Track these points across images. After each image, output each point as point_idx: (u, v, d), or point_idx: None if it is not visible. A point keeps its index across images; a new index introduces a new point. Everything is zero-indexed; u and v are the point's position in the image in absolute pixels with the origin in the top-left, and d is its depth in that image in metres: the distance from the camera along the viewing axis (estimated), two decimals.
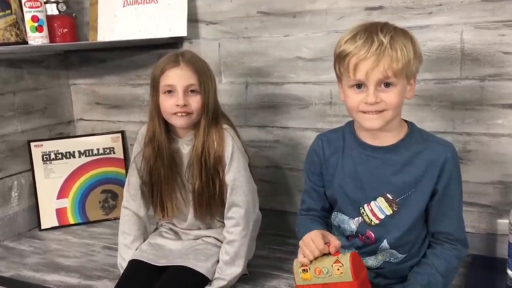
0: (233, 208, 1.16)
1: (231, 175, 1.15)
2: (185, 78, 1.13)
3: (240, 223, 1.15)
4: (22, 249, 1.53)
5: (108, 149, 1.73)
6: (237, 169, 1.16)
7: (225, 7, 1.46)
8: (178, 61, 1.14)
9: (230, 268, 1.15)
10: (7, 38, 1.53)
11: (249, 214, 1.16)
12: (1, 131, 1.58)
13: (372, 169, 0.95)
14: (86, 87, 1.80)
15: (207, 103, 1.16)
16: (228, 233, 1.17)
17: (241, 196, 1.16)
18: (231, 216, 1.16)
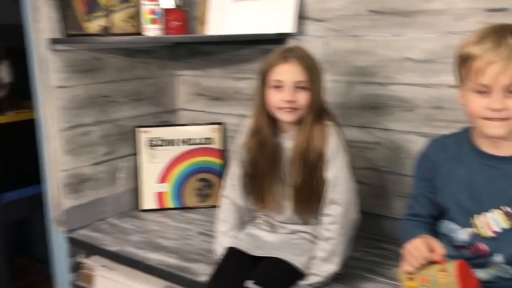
0: (332, 205, 1.16)
1: (333, 172, 1.15)
2: (294, 74, 1.15)
3: (338, 221, 1.15)
4: (125, 226, 1.64)
5: (207, 139, 1.80)
6: (340, 166, 1.15)
7: (334, 4, 1.45)
8: (288, 57, 1.16)
9: (326, 265, 1.15)
10: (126, 29, 1.64)
11: (348, 213, 1.16)
12: (114, 115, 1.70)
13: (490, 180, 0.91)
14: (190, 78, 1.88)
15: (314, 100, 1.16)
16: (326, 230, 1.17)
17: (342, 194, 1.15)
18: (330, 213, 1.16)
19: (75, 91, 1.57)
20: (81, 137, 1.61)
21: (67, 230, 1.59)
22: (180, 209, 1.78)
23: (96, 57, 1.62)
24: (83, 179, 1.63)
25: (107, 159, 1.69)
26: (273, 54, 1.20)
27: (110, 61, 1.66)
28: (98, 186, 1.67)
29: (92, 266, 1.58)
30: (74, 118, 1.58)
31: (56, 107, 1.53)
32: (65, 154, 1.57)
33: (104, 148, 1.68)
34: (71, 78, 1.55)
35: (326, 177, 1.16)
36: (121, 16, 1.62)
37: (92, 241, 1.53)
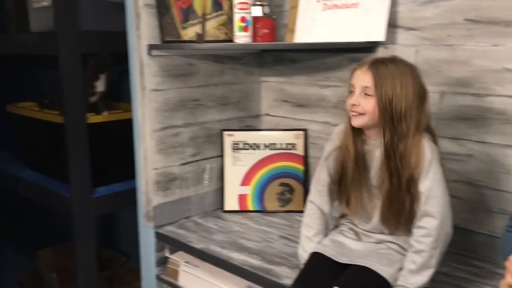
0: (426, 218, 1.14)
1: (428, 184, 1.13)
2: (362, 79, 1.16)
3: (432, 234, 1.13)
4: (209, 226, 1.70)
5: (290, 144, 1.82)
6: (435, 178, 1.13)
7: (428, 13, 1.43)
8: (364, 64, 1.18)
9: (415, 277, 1.13)
10: (217, 36, 1.71)
11: (442, 226, 1.13)
12: (202, 118, 1.77)
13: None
14: (275, 85, 1.92)
15: (384, 107, 1.14)
16: (417, 242, 1.14)
17: (436, 207, 1.13)
18: (423, 225, 1.14)
19: (168, 94, 1.66)
20: (172, 138, 1.69)
21: (155, 225, 1.67)
22: (260, 212, 1.81)
23: (189, 62, 1.70)
24: (172, 178, 1.71)
25: (194, 160, 1.77)
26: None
27: (201, 67, 1.74)
28: (185, 185, 1.75)
29: (177, 261, 1.65)
30: (166, 119, 1.67)
31: (150, 109, 1.62)
32: (157, 153, 1.66)
33: (191, 149, 1.75)
34: (165, 82, 1.64)
35: (419, 189, 1.15)
36: (213, 24, 1.69)
37: (178, 238, 1.61)
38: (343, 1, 1.59)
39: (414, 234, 1.16)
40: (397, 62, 1.18)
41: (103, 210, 2.16)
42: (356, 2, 1.56)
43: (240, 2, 1.57)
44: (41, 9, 2.05)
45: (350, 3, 1.57)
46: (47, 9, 1.99)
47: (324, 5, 1.64)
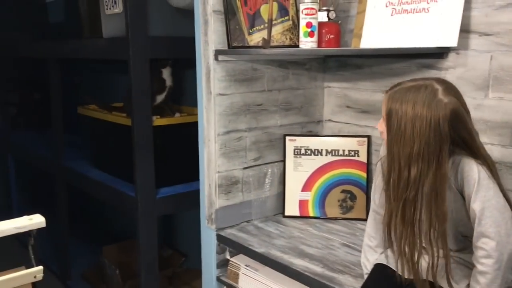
0: (483, 238, 1.08)
1: (479, 205, 1.08)
2: (383, 104, 1.17)
3: (492, 256, 1.07)
4: (270, 230, 1.70)
5: (353, 151, 1.80)
6: (486, 197, 1.08)
7: (505, 18, 1.37)
8: (389, 88, 1.17)
9: None
10: (282, 41, 1.72)
11: (502, 246, 1.07)
12: (265, 123, 1.79)
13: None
14: (338, 91, 1.90)
15: (393, 136, 1.12)
16: (479, 264, 1.09)
17: (492, 227, 1.07)
18: (481, 246, 1.09)
19: (233, 99, 1.68)
20: (235, 142, 1.71)
21: (217, 228, 1.70)
22: (321, 218, 1.80)
23: (254, 67, 1.72)
24: (234, 182, 1.73)
25: (256, 164, 1.78)
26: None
27: (265, 72, 1.75)
28: (247, 189, 1.76)
29: (238, 264, 1.66)
30: (230, 124, 1.69)
31: (215, 113, 1.65)
32: (220, 157, 1.68)
33: (254, 154, 1.77)
34: (231, 86, 1.67)
35: (471, 210, 1.10)
36: (279, 29, 1.70)
37: (239, 241, 1.62)
38: (413, 6, 1.55)
39: (474, 254, 1.11)
40: (416, 86, 1.12)
41: (165, 211, 2.22)
42: (426, 7, 1.52)
43: (307, 8, 1.58)
44: (113, 16, 2.15)
45: (420, 8, 1.54)
46: (118, 15, 2.08)
47: (392, 10, 1.61)
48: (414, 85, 1.12)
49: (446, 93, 1.09)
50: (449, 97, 1.08)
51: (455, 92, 1.12)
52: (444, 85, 1.11)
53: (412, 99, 1.09)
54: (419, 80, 1.14)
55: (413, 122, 1.08)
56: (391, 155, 1.12)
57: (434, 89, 1.09)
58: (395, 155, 1.11)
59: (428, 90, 1.09)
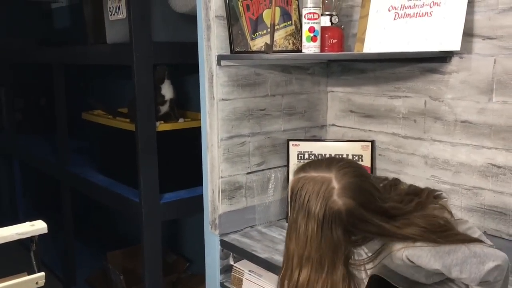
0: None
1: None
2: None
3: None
4: (273, 235, 1.70)
5: (357, 156, 1.79)
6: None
7: (508, 21, 1.36)
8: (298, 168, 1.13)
9: None
10: (285, 46, 1.72)
11: (480, 273, 1.02)
12: (268, 128, 1.78)
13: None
14: (342, 95, 1.90)
15: (290, 230, 1.05)
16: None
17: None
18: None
19: (236, 104, 1.68)
20: (238, 147, 1.71)
21: (220, 233, 1.70)
22: None
23: (257, 72, 1.72)
24: (237, 187, 1.73)
25: (259, 169, 1.78)
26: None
27: (268, 77, 1.75)
28: (250, 194, 1.76)
29: (241, 270, 1.66)
30: (233, 129, 1.69)
31: (218, 118, 1.65)
32: (223, 162, 1.68)
33: (257, 159, 1.77)
34: (233, 91, 1.67)
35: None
36: (281, 34, 1.70)
37: (243, 246, 1.62)
38: (416, 10, 1.55)
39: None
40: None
41: (169, 216, 2.22)
42: (429, 11, 1.51)
43: (309, 13, 1.57)
44: (117, 22, 2.16)
45: (423, 12, 1.53)
46: (122, 21, 2.09)
47: (395, 14, 1.61)
48: (315, 177, 1.03)
49: (342, 193, 1.00)
50: (343, 198, 1.00)
51: (353, 189, 1.01)
52: (342, 182, 1.01)
53: (309, 192, 1.01)
54: (322, 169, 1.05)
55: (306, 221, 1.00)
56: (287, 249, 1.04)
57: (330, 187, 1.00)
58: (289, 251, 1.03)
59: (324, 186, 1.01)
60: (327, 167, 1.05)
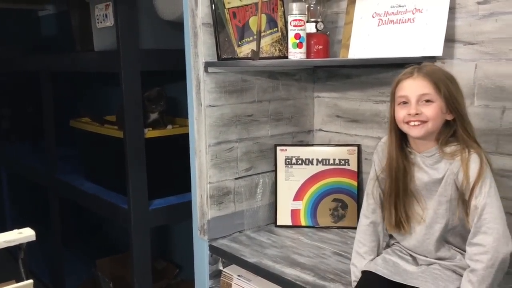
0: (480, 235, 1.10)
1: (481, 200, 1.09)
2: (418, 87, 1.14)
3: (489, 252, 1.08)
4: (262, 240, 1.71)
5: (343, 160, 1.81)
6: (488, 193, 1.09)
7: (488, 27, 1.40)
8: (413, 73, 1.16)
9: None
10: (272, 53, 1.74)
11: (499, 244, 1.08)
12: (256, 133, 1.80)
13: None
14: (328, 100, 1.92)
15: (454, 112, 1.14)
16: (473, 261, 1.10)
17: (491, 223, 1.09)
18: (478, 243, 1.10)
19: (223, 110, 1.70)
20: (226, 152, 1.73)
21: (209, 238, 1.71)
22: (313, 227, 1.81)
23: (244, 78, 1.74)
24: (226, 192, 1.74)
25: (248, 175, 1.79)
26: (401, 73, 1.20)
27: (255, 83, 1.77)
28: (239, 199, 1.77)
29: (230, 275, 1.67)
30: (221, 135, 1.70)
31: (206, 124, 1.66)
32: (211, 168, 1.69)
33: (245, 164, 1.78)
34: (221, 98, 1.68)
35: (473, 205, 1.11)
36: (268, 41, 1.72)
37: (232, 251, 1.63)
38: (399, 16, 1.58)
39: (468, 253, 1.12)
40: (437, 68, 1.20)
41: (158, 222, 2.23)
42: (412, 17, 1.54)
43: (295, 19, 1.60)
44: (104, 29, 2.17)
45: (406, 18, 1.56)
46: (110, 29, 2.10)
47: (379, 21, 1.64)
48: (428, 65, 1.20)
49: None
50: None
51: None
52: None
53: (441, 73, 1.18)
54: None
55: (455, 87, 1.18)
56: (456, 115, 1.16)
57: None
58: (457, 115, 1.16)
59: (442, 69, 1.22)
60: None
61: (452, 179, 1.14)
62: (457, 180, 1.13)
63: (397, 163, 1.21)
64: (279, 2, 1.76)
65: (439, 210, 1.17)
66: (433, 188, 1.18)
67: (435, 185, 1.18)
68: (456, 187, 1.14)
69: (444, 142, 1.16)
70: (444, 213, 1.17)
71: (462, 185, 1.12)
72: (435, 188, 1.18)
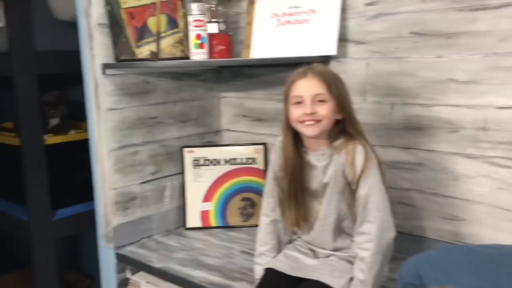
0: (366, 224, 1.16)
1: (365, 190, 1.15)
2: (312, 88, 1.18)
3: (373, 239, 1.14)
4: (170, 244, 1.68)
5: (250, 159, 1.83)
6: (372, 184, 1.15)
7: (376, 27, 1.47)
8: (306, 73, 1.20)
9: (365, 285, 1.14)
10: (174, 53, 1.72)
11: (383, 231, 1.15)
12: (161, 136, 1.77)
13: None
14: (234, 100, 1.93)
15: (344, 107, 1.19)
16: (361, 250, 1.16)
17: (375, 211, 1.15)
18: (364, 231, 1.16)
19: (125, 113, 1.65)
20: (130, 156, 1.68)
21: (115, 246, 1.65)
22: (223, 227, 1.81)
23: (145, 80, 1.70)
24: (131, 197, 1.69)
25: (154, 178, 1.76)
26: (293, 73, 1.23)
27: (158, 84, 1.74)
28: (146, 204, 1.73)
29: (138, 282, 1.63)
30: (124, 138, 1.66)
31: (107, 128, 1.61)
32: (115, 173, 1.64)
33: (151, 167, 1.75)
34: (122, 100, 1.63)
35: (358, 195, 1.17)
36: (169, 41, 1.70)
37: (139, 258, 1.59)
38: (296, 17, 1.63)
39: (356, 242, 1.18)
40: (326, 69, 1.24)
41: (64, 233, 2.11)
42: (307, 18, 1.59)
43: (195, 20, 1.59)
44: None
45: (302, 19, 1.61)
46: (1, 30, 1.96)
47: (278, 21, 1.68)
48: (318, 66, 1.24)
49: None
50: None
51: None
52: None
53: (332, 73, 1.24)
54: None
55: (344, 87, 1.24)
56: (345, 114, 1.22)
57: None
58: (347, 114, 1.22)
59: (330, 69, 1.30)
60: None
61: (341, 170, 1.19)
62: (345, 172, 1.18)
63: (294, 162, 1.24)
64: (179, 2, 1.74)
65: (332, 201, 1.22)
66: (327, 182, 1.22)
67: (328, 179, 1.22)
68: (345, 178, 1.19)
69: (333, 139, 1.21)
70: (336, 204, 1.22)
71: (349, 176, 1.17)
72: (328, 182, 1.22)
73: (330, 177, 1.21)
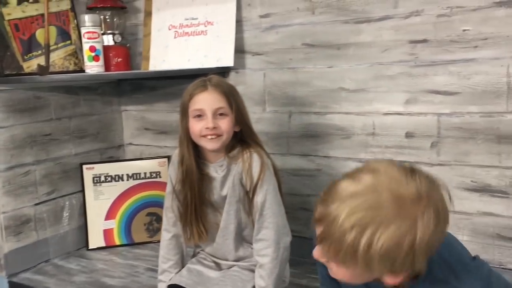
0: (263, 230, 1.17)
1: (261, 197, 1.17)
2: (213, 101, 1.16)
3: (271, 245, 1.16)
4: (70, 267, 1.59)
5: (154, 173, 1.79)
6: (267, 191, 1.17)
7: (270, 39, 1.51)
8: (206, 86, 1.18)
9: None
10: (66, 67, 1.64)
11: (279, 236, 1.17)
12: (57, 153, 1.67)
13: None
14: (136, 113, 1.88)
15: (243, 122, 1.20)
16: (260, 256, 1.17)
17: (271, 217, 1.17)
18: (261, 238, 1.17)
19: (13, 131, 1.54)
20: (21, 177, 1.57)
21: (8, 274, 1.53)
22: (128, 245, 1.75)
23: (36, 95, 1.60)
24: (25, 220, 1.58)
25: (50, 199, 1.66)
26: (191, 85, 1.21)
27: (51, 99, 1.65)
28: (41, 226, 1.63)
29: None
30: (13, 158, 1.54)
31: None
32: (4, 196, 1.52)
33: (46, 187, 1.64)
34: (9, 118, 1.52)
35: (254, 202, 1.18)
36: (60, 54, 1.62)
37: (34, 285, 1.48)
38: (193, 29, 1.62)
39: (255, 249, 1.19)
40: (223, 81, 1.23)
41: None
42: (204, 30, 1.60)
43: (88, 31, 1.53)
44: None
45: (199, 30, 1.61)
46: None
47: (175, 33, 1.66)
48: (215, 77, 1.22)
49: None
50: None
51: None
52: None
53: (230, 85, 1.22)
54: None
55: (240, 99, 1.22)
56: (244, 128, 1.22)
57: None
58: (244, 127, 1.22)
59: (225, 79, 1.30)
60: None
61: (238, 179, 1.19)
62: (242, 181, 1.19)
63: (195, 175, 1.22)
64: (71, 14, 1.66)
65: (231, 211, 1.22)
66: (226, 193, 1.22)
67: (227, 191, 1.22)
68: (243, 187, 1.19)
69: (230, 149, 1.21)
70: (236, 214, 1.22)
71: (247, 185, 1.18)
72: (227, 192, 1.22)
73: (228, 188, 1.21)
